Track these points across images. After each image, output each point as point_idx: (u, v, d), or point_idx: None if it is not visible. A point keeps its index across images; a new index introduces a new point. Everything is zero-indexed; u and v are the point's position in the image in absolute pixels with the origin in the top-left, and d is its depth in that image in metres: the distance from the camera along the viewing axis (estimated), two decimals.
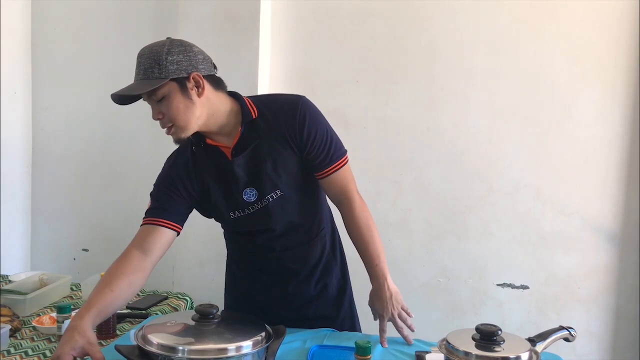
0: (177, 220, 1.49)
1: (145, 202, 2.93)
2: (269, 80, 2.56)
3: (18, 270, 2.67)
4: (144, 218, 1.52)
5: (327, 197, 1.62)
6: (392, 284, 1.50)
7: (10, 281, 2.14)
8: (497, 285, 2.59)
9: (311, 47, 2.60)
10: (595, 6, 2.42)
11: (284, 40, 2.63)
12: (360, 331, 1.70)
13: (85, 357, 1.20)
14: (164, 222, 1.47)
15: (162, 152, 2.75)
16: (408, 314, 1.50)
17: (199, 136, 1.48)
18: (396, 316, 1.49)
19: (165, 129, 1.42)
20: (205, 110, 1.41)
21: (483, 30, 2.51)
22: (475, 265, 2.59)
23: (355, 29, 2.60)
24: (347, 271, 1.73)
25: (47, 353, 1.53)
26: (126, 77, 2.88)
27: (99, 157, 2.90)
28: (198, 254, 2.51)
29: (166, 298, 2.09)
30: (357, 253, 1.56)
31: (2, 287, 1.96)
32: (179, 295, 2.14)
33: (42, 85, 2.93)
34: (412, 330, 1.49)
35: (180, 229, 1.51)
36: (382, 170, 2.57)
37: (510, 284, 2.58)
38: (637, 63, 2.42)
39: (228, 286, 1.76)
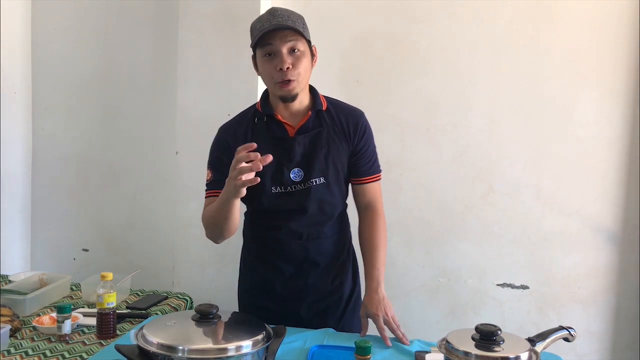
0: None
1: (145, 202, 2.96)
2: None
3: (18, 270, 2.67)
4: (206, 190, 1.62)
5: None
6: (384, 293, 1.58)
7: (10, 281, 2.14)
8: (497, 285, 2.59)
9: None
10: (595, 6, 2.42)
11: None
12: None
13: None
14: None
15: (162, 152, 2.78)
16: (397, 324, 1.54)
17: (268, 108, 1.59)
18: (389, 315, 1.53)
19: (285, 80, 1.49)
20: (307, 80, 1.56)
21: (483, 30, 2.51)
22: (475, 265, 2.59)
23: (355, 29, 2.60)
24: (359, 278, 1.78)
25: (47, 353, 1.53)
26: (126, 77, 2.91)
27: (99, 157, 2.90)
28: (198, 254, 2.51)
29: (166, 298, 2.09)
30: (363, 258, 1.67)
31: (2, 287, 1.96)
32: (179, 295, 2.14)
33: (42, 85, 2.93)
34: (406, 344, 1.50)
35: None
36: (382, 170, 2.56)
37: (510, 284, 2.58)
38: (637, 63, 2.42)
39: (243, 278, 1.77)
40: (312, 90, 1.63)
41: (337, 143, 1.59)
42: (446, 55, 2.54)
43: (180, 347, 1.12)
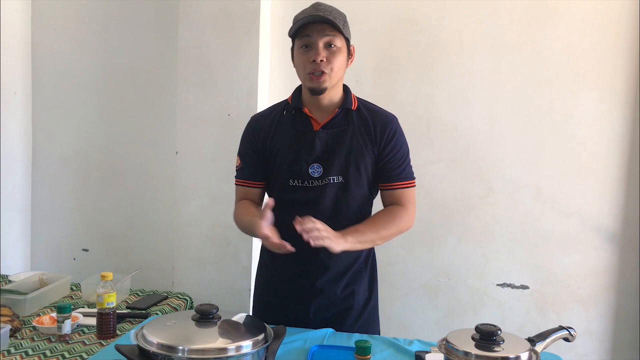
0: (261, 177, 1.65)
1: (145, 202, 2.97)
2: (269, 80, 2.56)
3: (18, 270, 2.67)
4: (236, 178, 1.68)
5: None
6: (341, 245, 1.43)
7: (10, 281, 2.14)
8: (497, 285, 2.59)
9: None
10: (595, 7, 2.42)
11: (284, 40, 2.63)
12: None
13: None
14: (250, 184, 1.65)
15: (162, 152, 2.78)
16: (322, 238, 1.39)
17: (298, 102, 1.60)
18: (311, 225, 1.39)
19: (317, 72, 1.50)
20: (340, 78, 1.57)
21: (483, 30, 2.51)
22: (475, 265, 2.59)
23: (355, 29, 2.59)
24: (376, 290, 1.72)
25: (47, 353, 1.53)
26: (126, 77, 2.91)
27: (99, 157, 2.90)
28: (198, 254, 2.51)
29: (166, 298, 2.09)
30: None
31: (2, 287, 1.96)
32: (179, 295, 2.14)
33: (42, 85, 2.93)
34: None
35: (264, 184, 1.66)
36: None
37: (510, 284, 2.58)
38: (637, 63, 2.42)
39: (258, 276, 1.77)
40: (346, 89, 1.63)
41: (362, 144, 1.56)
42: (446, 55, 2.54)
43: (180, 347, 1.12)
